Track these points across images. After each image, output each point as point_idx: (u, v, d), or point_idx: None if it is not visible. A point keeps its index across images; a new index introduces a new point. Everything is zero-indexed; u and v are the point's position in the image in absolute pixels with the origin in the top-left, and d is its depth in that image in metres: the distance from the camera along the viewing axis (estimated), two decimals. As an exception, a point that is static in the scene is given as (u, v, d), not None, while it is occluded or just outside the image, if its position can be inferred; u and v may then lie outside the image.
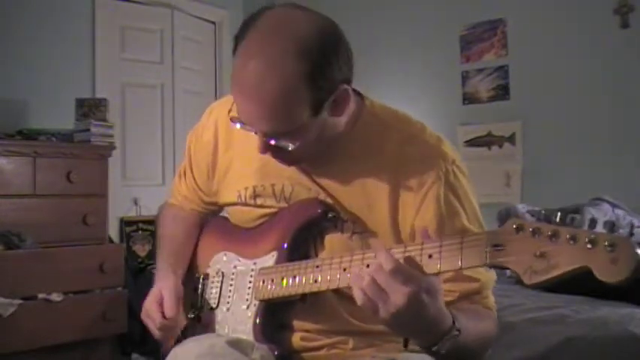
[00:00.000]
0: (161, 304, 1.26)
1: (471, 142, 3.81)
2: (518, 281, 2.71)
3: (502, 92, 3.74)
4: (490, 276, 1.17)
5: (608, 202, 2.90)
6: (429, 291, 0.94)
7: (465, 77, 3.88)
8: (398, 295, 0.92)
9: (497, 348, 1.92)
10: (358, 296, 0.95)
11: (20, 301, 2.41)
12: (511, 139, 3.68)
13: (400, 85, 4.03)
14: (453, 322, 0.99)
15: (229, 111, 1.16)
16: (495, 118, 3.74)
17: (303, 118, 1.05)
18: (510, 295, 2.18)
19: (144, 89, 4.14)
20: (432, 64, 4.01)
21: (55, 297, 2.51)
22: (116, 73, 3.98)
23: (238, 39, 1.07)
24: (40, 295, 2.49)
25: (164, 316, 1.25)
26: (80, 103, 3.24)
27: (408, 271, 0.93)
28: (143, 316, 1.30)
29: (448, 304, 1.08)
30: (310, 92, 1.03)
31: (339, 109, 1.10)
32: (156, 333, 1.28)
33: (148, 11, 4.18)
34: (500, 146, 3.72)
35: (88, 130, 3.12)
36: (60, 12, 3.69)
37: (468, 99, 3.87)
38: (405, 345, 1.02)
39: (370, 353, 1.19)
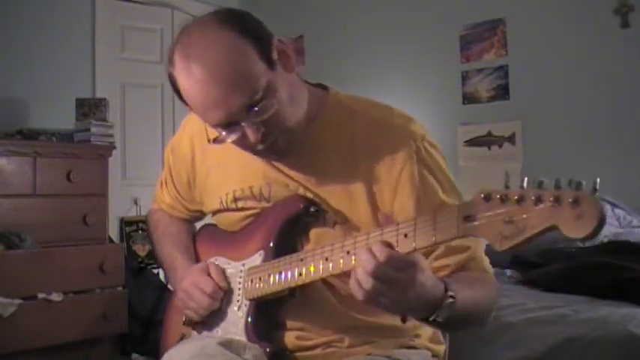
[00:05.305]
0: (209, 276, 1.24)
1: (471, 142, 3.81)
2: (519, 281, 2.71)
3: (502, 92, 3.74)
4: (478, 240, 1.14)
5: (608, 202, 2.89)
6: (422, 268, 0.94)
7: (465, 77, 3.88)
8: (400, 283, 0.92)
9: (497, 348, 1.92)
10: (360, 295, 0.94)
11: (20, 301, 2.40)
12: (511, 139, 3.68)
13: (400, 85, 4.03)
14: (446, 290, 0.98)
15: (209, 140, 1.18)
16: (495, 117, 3.74)
17: (262, 72, 1.06)
18: (510, 295, 2.18)
19: (144, 89, 4.14)
20: (432, 64, 4.01)
21: (55, 297, 2.51)
22: (116, 73, 3.98)
23: (171, 75, 1.10)
24: (40, 295, 2.48)
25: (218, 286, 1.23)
26: (80, 103, 3.24)
27: (400, 256, 0.93)
28: (184, 290, 1.25)
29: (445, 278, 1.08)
30: (252, 45, 1.06)
31: (289, 62, 1.13)
32: (202, 305, 1.23)
33: (148, 11, 4.18)
34: (500, 146, 3.72)
35: (88, 130, 3.12)
36: (60, 12, 3.69)
37: (468, 99, 3.87)
38: (404, 321, 1.02)
39: (367, 351, 1.19)
